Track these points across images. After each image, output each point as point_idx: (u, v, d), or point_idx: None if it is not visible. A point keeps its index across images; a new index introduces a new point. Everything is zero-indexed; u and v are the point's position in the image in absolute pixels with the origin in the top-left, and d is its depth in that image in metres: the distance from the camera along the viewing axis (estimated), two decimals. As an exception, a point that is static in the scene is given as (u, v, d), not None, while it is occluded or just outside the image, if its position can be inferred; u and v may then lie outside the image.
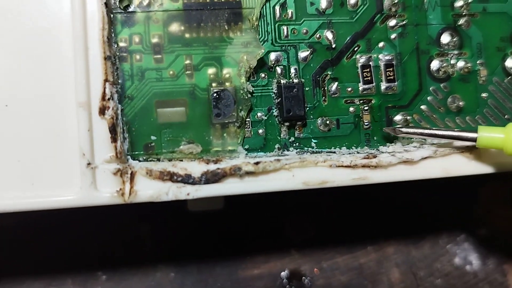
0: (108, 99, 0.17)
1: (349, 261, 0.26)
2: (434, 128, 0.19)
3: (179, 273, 0.25)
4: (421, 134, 0.19)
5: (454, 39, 0.21)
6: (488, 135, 0.18)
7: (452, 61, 0.21)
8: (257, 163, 0.18)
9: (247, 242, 0.26)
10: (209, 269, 0.25)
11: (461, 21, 0.21)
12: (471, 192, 0.28)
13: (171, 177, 0.18)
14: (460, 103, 0.21)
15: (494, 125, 0.21)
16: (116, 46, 0.18)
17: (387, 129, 0.20)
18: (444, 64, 0.21)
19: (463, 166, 0.20)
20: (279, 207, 0.26)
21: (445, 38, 0.21)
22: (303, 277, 0.26)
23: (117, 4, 0.18)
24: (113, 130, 0.17)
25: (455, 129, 0.20)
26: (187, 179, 0.18)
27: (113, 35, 0.18)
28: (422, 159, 0.19)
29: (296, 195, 0.26)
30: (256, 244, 0.26)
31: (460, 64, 0.21)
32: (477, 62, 0.21)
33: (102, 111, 0.17)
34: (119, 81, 0.18)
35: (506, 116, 0.21)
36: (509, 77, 0.21)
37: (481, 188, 0.28)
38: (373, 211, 0.27)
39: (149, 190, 0.18)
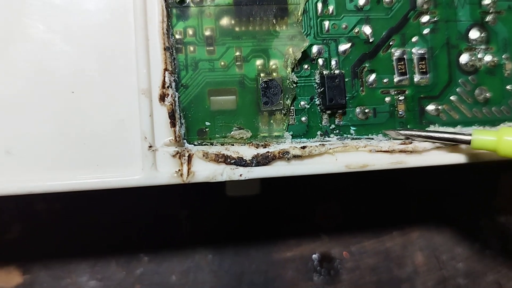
0: (168, 87, 0.19)
1: (376, 245, 0.28)
2: (431, 130, 0.21)
3: (216, 255, 0.27)
4: (419, 136, 0.20)
5: (482, 35, 0.22)
6: (481, 137, 0.19)
7: (480, 55, 0.22)
8: (303, 147, 0.20)
9: (280, 227, 0.27)
10: (245, 251, 0.27)
11: (488, 18, 0.22)
12: (493, 180, 0.29)
13: (225, 159, 0.19)
14: (487, 94, 0.22)
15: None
16: (172, 38, 0.20)
17: (387, 131, 0.21)
18: (472, 58, 0.22)
19: (487, 153, 0.21)
20: (310, 194, 0.28)
21: (474, 34, 0.22)
22: (333, 260, 0.27)
23: (175, -1, 0.20)
24: (172, 115, 0.19)
25: (451, 132, 0.21)
26: (239, 162, 0.19)
27: (170, 28, 0.20)
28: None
29: (326, 183, 0.27)
30: (289, 229, 0.27)
31: (487, 58, 0.22)
32: (503, 56, 0.22)
33: (162, 98, 0.19)
34: (176, 70, 0.20)
35: None
36: None
37: (502, 177, 0.29)
38: (398, 198, 0.28)
39: (205, 171, 0.19)
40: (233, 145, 0.20)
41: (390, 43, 0.22)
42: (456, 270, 0.28)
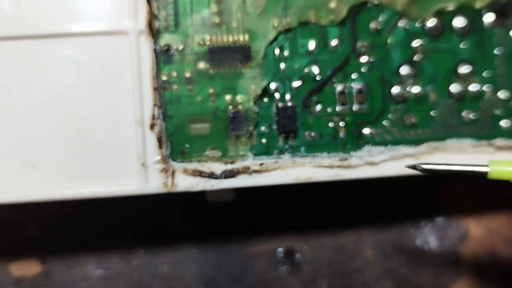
0: (156, 118, 0.24)
1: (332, 241, 0.33)
2: (450, 164, 0.22)
3: (200, 249, 0.32)
4: (439, 170, 0.22)
5: (411, 71, 0.27)
6: (498, 168, 0.21)
7: (408, 88, 0.27)
8: (261, 164, 0.25)
9: (252, 226, 0.33)
10: (224, 246, 0.32)
11: (417, 57, 0.27)
12: (433, 187, 0.34)
13: (200, 173, 0.25)
14: (413, 119, 0.27)
15: (440, 138, 0.27)
16: (160, 79, 0.25)
17: (409, 165, 0.23)
18: (402, 90, 0.27)
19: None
20: (278, 200, 0.33)
21: (404, 70, 0.27)
22: (296, 254, 0.33)
23: (162, 48, 0.25)
24: (160, 140, 0.24)
25: (468, 164, 0.22)
26: (211, 175, 0.25)
27: (159, 71, 0.25)
28: (382, 161, 0.26)
29: (292, 191, 0.33)
30: (259, 228, 0.32)
31: (415, 90, 0.27)
32: (427, 88, 0.27)
33: (152, 127, 0.24)
34: (163, 105, 0.25)
35: (448, 130, 0.27)
36: (452, 98, 0.27)
37: (441, 184, 0.34)
38: (352, 203, 0.34)
39: (185, 183, 0.24)
40: (207, 162, 0.25)
41: (334, 80, 0.26)
42: (400, 262, 0.33)
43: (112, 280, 0.31)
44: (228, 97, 0.25)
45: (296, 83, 0.26)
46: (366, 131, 0.26)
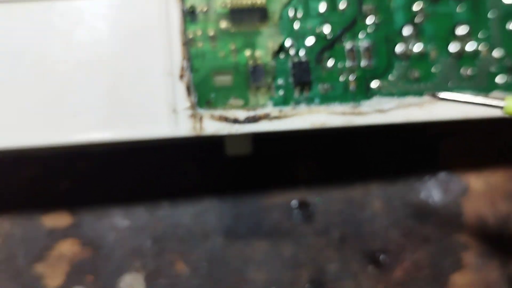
0: (185, 70, 0.27)
1: (342, 194, 0.36)
2: (466, 95, 0.24)
3: (219, 201, 0.35)
4: (458, 100, 0.23)
5: (412, 31, 0.29)
6: None
7: (411, 46, 0.29)
8: (280, 111, 0.28)
9: (268, 179, 0.35)
10: (240, 197, 0.35)
11: (417, 19, 0.29)
12: (435, 143, 0.36)
13: (226, 119, 0.27)
14: (416, 74, 0.29)
15: (445, 90, 0.30)
16: (187, 36, 0.28)
17: (429, 93, 0.26)
18: (405, 48, 0.29)
19: (417, 115, 0.28)
20: (292, 155, 0.36)
21: (406, 31, 0.29)
22: (308, 205, 0.36)
23: (188, 9, 0.28)
24: (188, 89, 0.27)
25: (484, 96, 0.24)
26: (235, 121, 0.27)
27: (185, 30, 0.28)
28: (389, 109, 0.29)
29: (306, 146, 0.35)
30: (274, 181, 0.35)
31: (417, 48, 0.29)
32: (428, 46, 0.29)
33: (181, 77, 0.27)
34: (189, 59, 0.28)
35: (449, 83, 0.29)
36: (450, 56, 0.29)
37: (443, 140, 0.37)
38: (361, 158, 0.36)
39: (212, 127, 0.26)
40: (230, 109, 0.28)
41: (343, 38, 0.29)
42: (406, 214, 0.36)
43: (138, 230, 0.33)
44: (248, 53, 0.28)
45: (309, 41, 0.28)
46: (374, 84, 0.29)
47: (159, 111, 0.26)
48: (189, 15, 0.28)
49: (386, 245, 0.36)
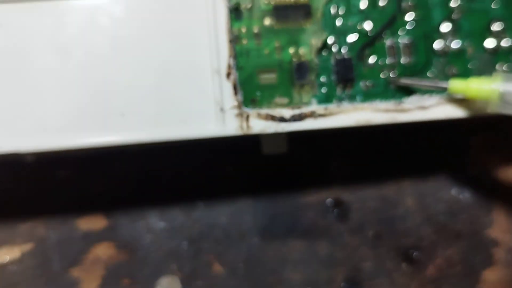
0: (231, 68, 0.27)
1: (375, 192, 0.36)
2: (420, 80, 0.28)
3: (255, 201, 0.34)
4: (412, 83, 0.28)
5: (450, 28, 0.29)
6: (456, 84, 0.26)
7: (448, 43, 0.29)
8: (325, 108, 0.28)
9: (303, 178, 0.35)
10: (276, 197, 0.35)
11: (455, 15, 0.29)
12: (465, 140, 0.36)
13: (272, 117, 0.27)
14: (454, 70, 0.29)
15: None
16: (232, 34, 0.28)
17: (392, 79, 0.28)
18: (443, 45, 0.29)
19: (456, 111, 0.28)
20: (326, 153, 0.36)
21: (444, 27, 0.29)
22: (343, 204, 0.35)
23: (232, 7, 0.28)
24: (235, 88, 0.27)
25: (434, 81, 0.28)
26: (282, 119, 0.27)
27: (231, 27, 0.28)
28: (431, 106, 0.29)
29: (339, 144, 0.35)
30: (309, 180, 0.35)
31: (454, 45, 0.29)
32: (465, 43, 0.29)
33: (228, 75, 0.27)
34: (235, 56, 0.28)
35: None
36: (486, 53, 0.29)
37: (473, 137, 0.37)
38: (393, 156, 0.36)
39: (259, 126, 0.26)
40: (276, 108, 0.28)
41: (383, 35, 0.29)
42: (438, 210, 0.36)
43: (174, 231, 0.33)
44: (291, 50, 0.28)
45: (351, 38, 0.28)
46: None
47: (206, 110, 0.26)
48: (234, 12, 0.28)
49: (419, 242, 0.36)
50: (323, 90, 0.28)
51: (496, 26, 0.30)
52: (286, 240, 0.34)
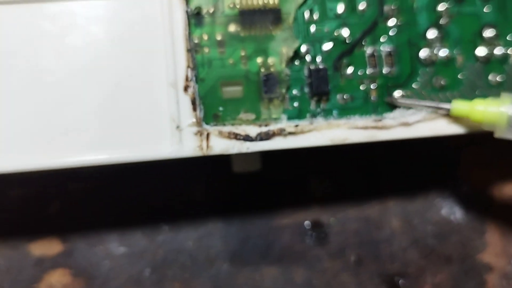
0: (190, 80, 0.24)
1: (357, 212, 0.33)
2: (420, 100, 0.25)
3: (225, 223, 0.32)
4: (412, 104, 0.25)
5: (437, 34, 0.27)
6: (459, 106, 0.24)
7: (436, 51, 0.27)
8: (296, 126, 0.25)
9: (278, 198, 0.32)
10: (249, 219, 0.32)
11: (442, 20, 0.27)
12: (455, 155, 0.34)
13: (235, 136, 0.24)
14: (442, 82, 0.27)
15: (467, 100, 0.28)
16: (192, 42, 0.25)
17: (388, 99, 0.26)
18: (430, 53, 0.27)
19: (445, 128, 0.26)
20: (303, 171, 0.33)
21: (431, 34, 0.27)
22: (323, 226, 0.33)
23: (193, 11, 0.25)
24: (193, 102, 0.24)
25: (435, 101, 0.25)
26: (246, 138, 0.24)
27: (190, 34, 0.25)
28: (415, 122, 0.26)
29: (317, 161, 0.33)
30: (285, 200, 0.32)
31: (442, 53, 0.27)
32: (454, 51, 0.27)
33: (186, 88, 0.24)
34: (195, 67, 0.25)
35: (476, 92, 0.27)
36: (478, 61, 0.27)
37: (463, 151, 0.34)
38: (377, 173, 0.34)
39: (220, 146, 0.24)
40: (241, 125, 0.25)
41: (363, 43, 0.27)
42: (426, 233, 0.34)
43: (136, 257, 0.30)
44: (259, 60, 0.25)
45: (327, 46, 0.26)
46: (397, 93, 0.26)
47: (161, 128, 0.24)
48: (194, 17, 0.25)
49: (405, 267, 0.33)
50: (295, 104, 0.26)
51: (488, 33, 0.28)
52: (259, 266, 0.31)
